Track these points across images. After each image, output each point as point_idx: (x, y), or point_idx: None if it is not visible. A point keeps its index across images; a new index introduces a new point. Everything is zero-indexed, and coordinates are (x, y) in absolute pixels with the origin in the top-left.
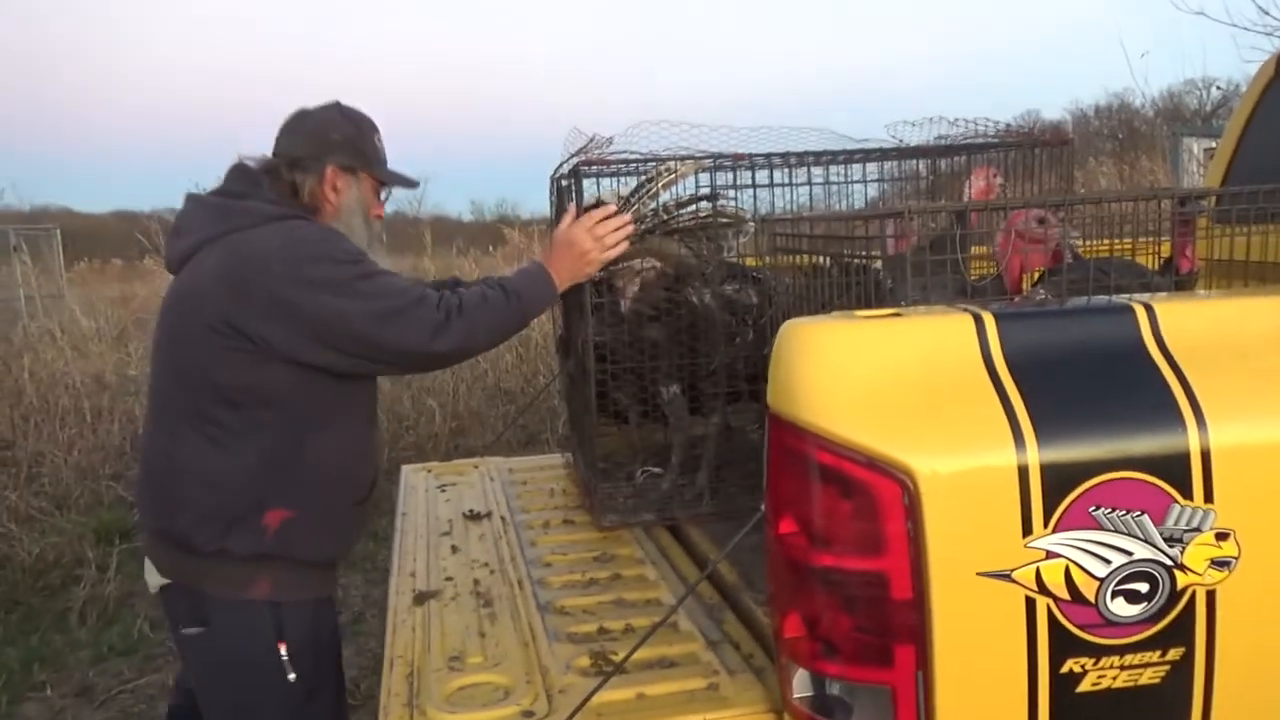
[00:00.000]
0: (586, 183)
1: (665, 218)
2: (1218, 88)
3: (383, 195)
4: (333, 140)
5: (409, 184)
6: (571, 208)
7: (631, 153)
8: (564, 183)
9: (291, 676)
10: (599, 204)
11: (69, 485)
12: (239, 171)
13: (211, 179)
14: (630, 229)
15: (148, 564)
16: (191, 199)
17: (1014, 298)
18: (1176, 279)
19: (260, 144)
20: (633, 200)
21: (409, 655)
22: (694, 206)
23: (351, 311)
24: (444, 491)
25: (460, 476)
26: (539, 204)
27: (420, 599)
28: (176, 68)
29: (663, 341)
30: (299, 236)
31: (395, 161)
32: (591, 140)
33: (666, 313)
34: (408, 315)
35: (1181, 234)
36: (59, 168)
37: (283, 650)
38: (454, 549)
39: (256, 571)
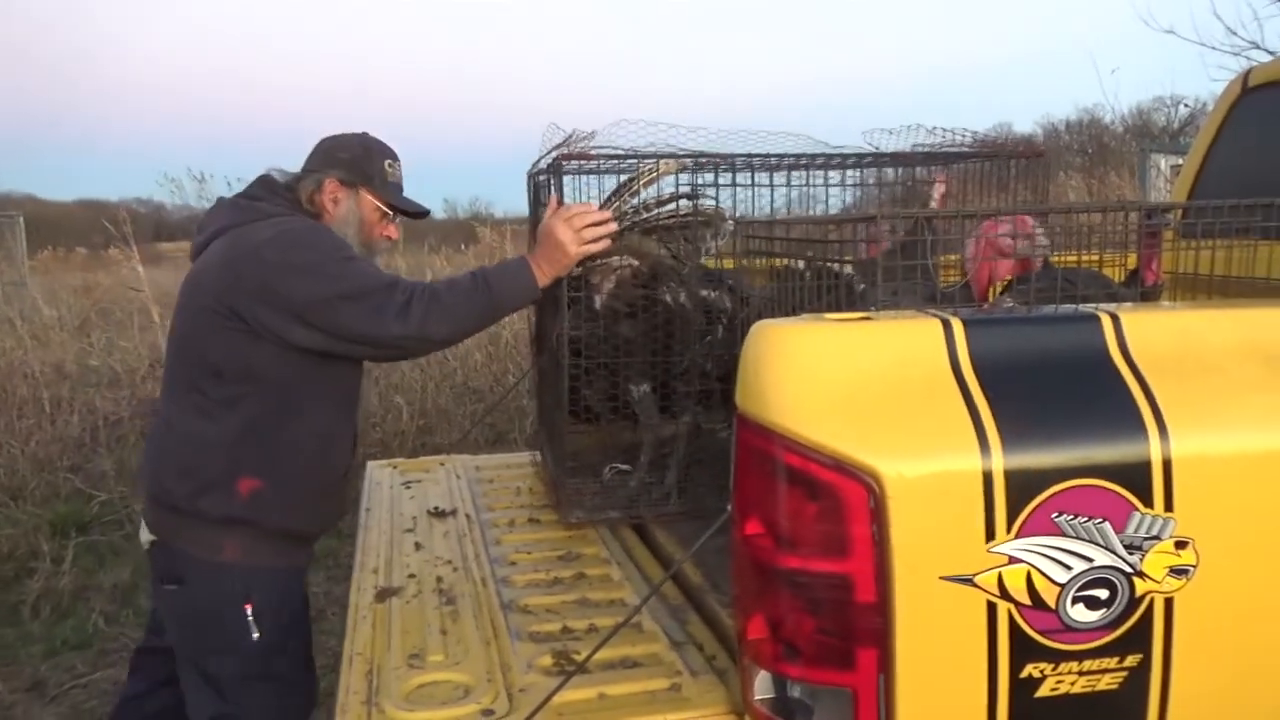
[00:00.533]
0: (567, 179)
1: (644, 215)
2: (1185, 105)
3: (395, 219)
4: (339, 157)
5: (414, 211)
6: (553, 199)
7: (613, 148)
8: (541, 179)
9: (255, 635)
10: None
11: (25, 477)
12: (262, 180)
13: (181, 169)
14: (612, 227)
15: (143, 523)
16: (218, 200)
17: (981, 305)
18: (1142, 291)
19: (228, 136)
20: (613, 199)
21: (369, 652)
22: (673, 205)
23: (322, 292)
24: (409, 488)
25: (426, 473)
26: (513, 202)
27: (382, 596)
28: (146, 57)
29: (634, 339)
30: (289, 229)
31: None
32: (572, 135)
33: (641, 310)
34: (373, 297)
35: (1149, 246)
36: (23, 154)
37: (248, 610)
38: (418, 546)
39: (226, 534)
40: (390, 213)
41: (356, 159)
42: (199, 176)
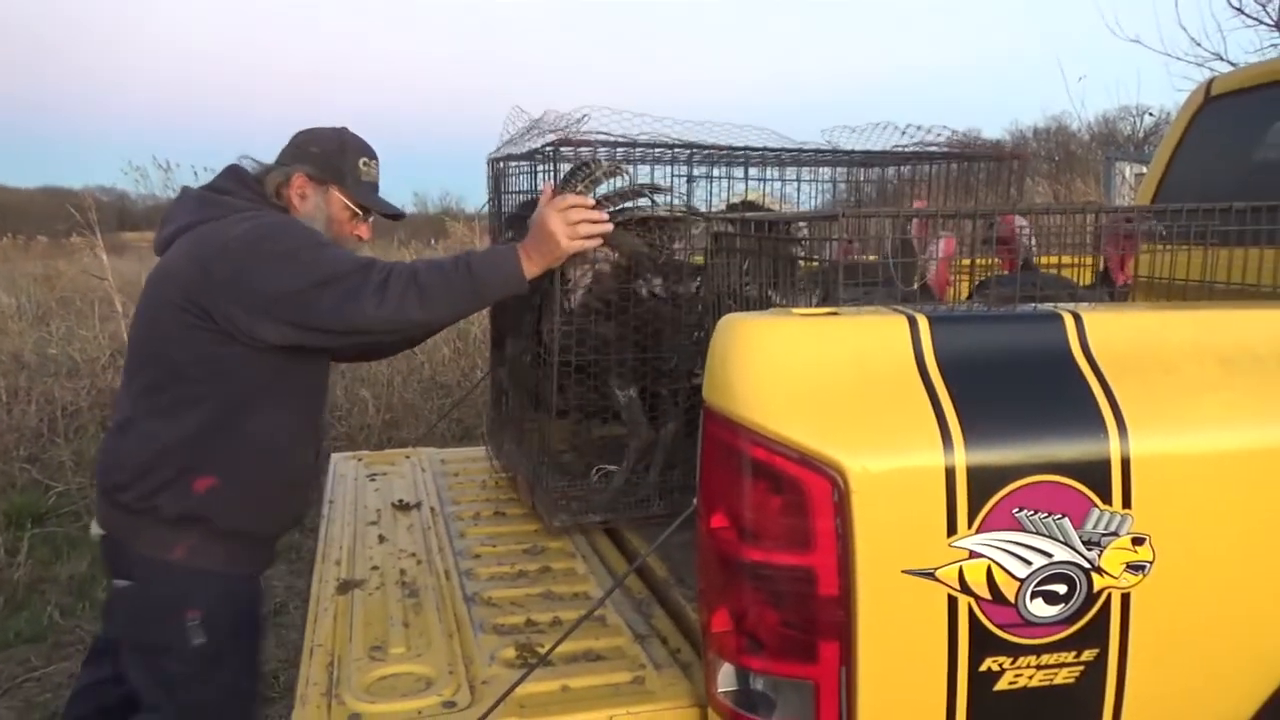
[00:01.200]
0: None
1: (621, 206)
2: (1150, 114)
3: (368, 218)
4: (310, 152)
5: (386, 213)
6: (547, 188)
7: (608, 135)
8: (500, 165)
9: (196, 642)
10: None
11: None
12: (230, 171)
13: (146, 158)
14: (607, 225)
15: (95, 517)
16: (183, 191)
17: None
18: (1111, 292)
19: (194, 125)
20: (569, 185)
21: (330, 644)
22: (655, 198)
23: (294, 283)
24: (373, 480)
25: (391, 466)
26: (484, 196)
27: (344, 588)
28: (111, 42)
29: (614, 340)
30: (260, 222)
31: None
32: (541, 118)
33: (620, 309)
34: (347, 279)
35: (1124, 249)
36: None
37: (190, 617)
38: (381, 538)
39: (178, 535)
40: (361, 212)
41: (329, 154)
42: (164, 165)
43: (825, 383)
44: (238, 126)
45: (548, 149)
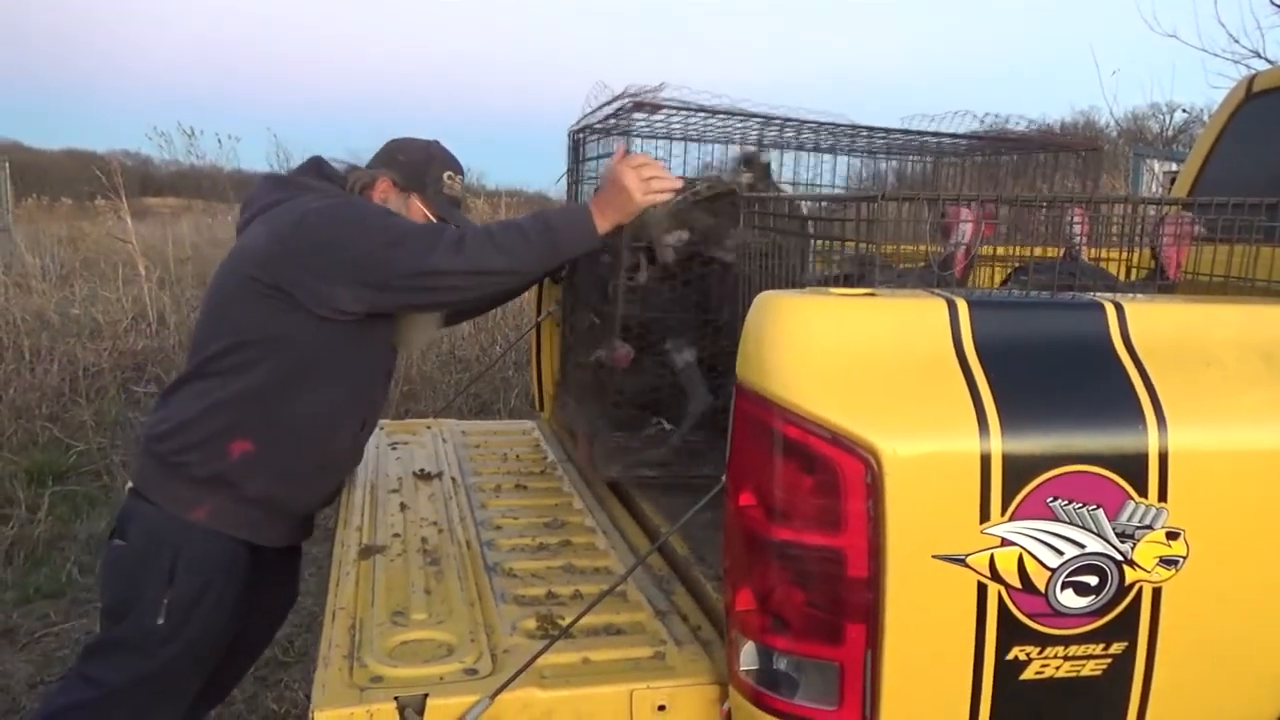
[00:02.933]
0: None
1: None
2: (1183, 111)
3: None
4: (398, 159)
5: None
6: (620, 148)
7: (682, 102)
8: (579, 136)
9: (159, 620)
10: None
11: (2, 423)
12: (311, 162)
13: (171, 123)
14: (677, 182)
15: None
16: (266, 176)
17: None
18: (1160, 285)
19: (219, 92)
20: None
21: (352, 608)
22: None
23: (369, 243)
24: (395, 450)
25: (412, 436)
26: (503, 175)
27: (366, 553)
28: (142, 9)
29: (679, 305)
30: (334, 200)
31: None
32: (625, 90)
33: (685, 280)
34: (423, 238)
35: (1176, 243)
36: (10, 100)
37: (165, 598)
38: (403, 506)
39: (203, 494)
40: (437, 223)
41: (416, 164)
42: (189, 131)
43: (861, 364)
44: (263, 93)
45: (622, 113)
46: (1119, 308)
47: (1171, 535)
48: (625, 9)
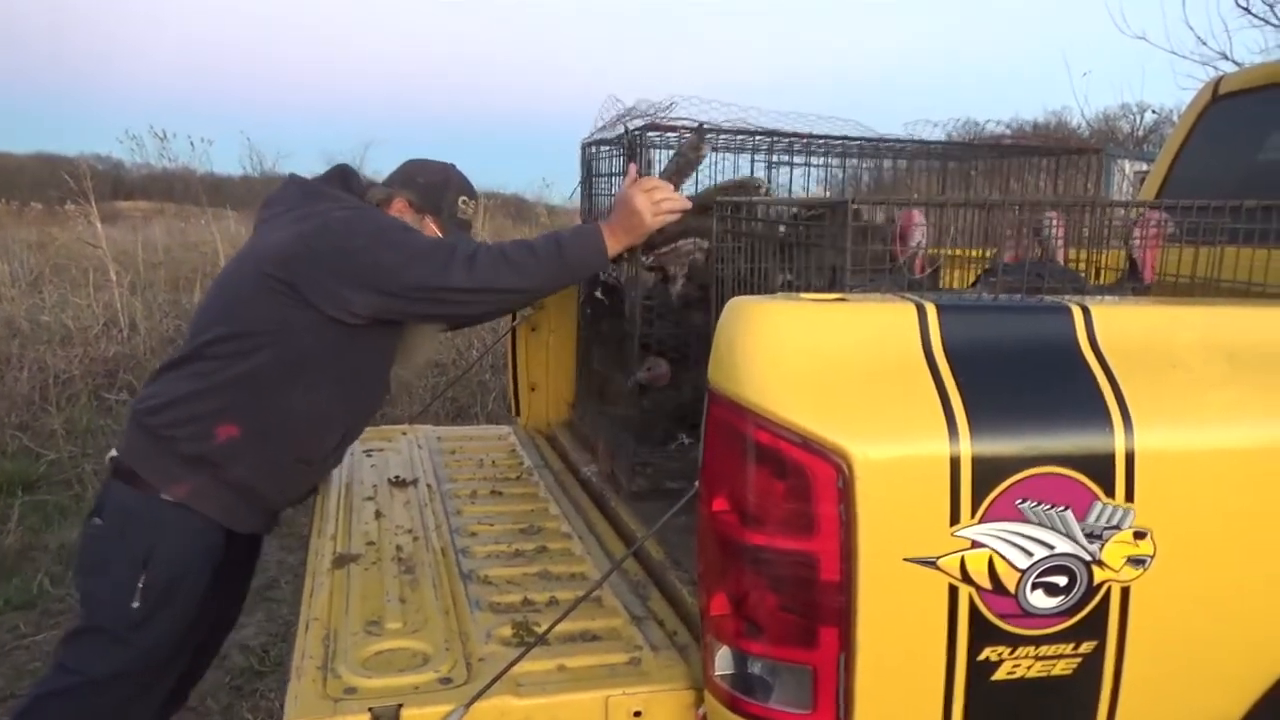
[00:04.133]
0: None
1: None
2: (1153, 112)
3: None
4: (416, 181)
5: None
6: (632, 169)
7: (693, 120)
8: (591, 150)
9: (135, 604)
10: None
11: None
12: (338, 169)
13: (143, 126)
14: (687, 204)
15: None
16: (289, 178)
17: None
18: (1134, 288)
19: (192, 96)
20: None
21: (326, 618)
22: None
23: (389, 253)
24: (370, 456)
25: (388, 442)
26: (494, 179)
27: (340, 562)
28: (113, 10)
29: (702, 327)
30: (360, 210)
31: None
32: (634, 106)
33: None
34: (438, 253)
35: (1151, 245)
36: None
37: (140, 580)
38: (378, 514)
39: (186, 472)
40: (452, 239)
41: (433, 186)
42: (161, 134)
43: (832, 368)
44: (239, 97)
45: (634, 134)
46: (1085, 311)
47: (1139, 535)
48: (625, 9)
